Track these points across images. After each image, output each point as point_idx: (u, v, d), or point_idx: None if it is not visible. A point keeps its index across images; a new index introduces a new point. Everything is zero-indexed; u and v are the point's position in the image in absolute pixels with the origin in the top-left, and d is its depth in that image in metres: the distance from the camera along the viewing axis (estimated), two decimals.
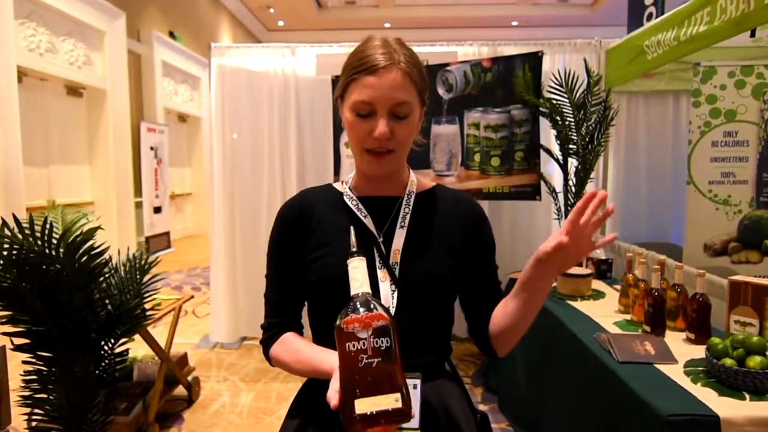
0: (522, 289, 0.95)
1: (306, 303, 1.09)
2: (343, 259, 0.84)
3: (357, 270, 0.81)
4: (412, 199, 1.06)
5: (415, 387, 0.88)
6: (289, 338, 1.04)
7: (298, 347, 1.00)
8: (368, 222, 1.02)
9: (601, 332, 1.95)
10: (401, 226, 1.02)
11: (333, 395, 0.76)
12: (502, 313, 1.01)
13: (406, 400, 0.73)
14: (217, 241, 4.00)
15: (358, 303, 0.77)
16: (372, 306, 0.77)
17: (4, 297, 1.62)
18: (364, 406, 0.71)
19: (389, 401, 0.71)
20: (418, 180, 1.10)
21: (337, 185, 1.12)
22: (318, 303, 1.04)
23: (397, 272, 0.98)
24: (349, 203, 1.05)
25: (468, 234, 1.06)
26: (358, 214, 1.03)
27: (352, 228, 0.89)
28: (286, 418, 1.07)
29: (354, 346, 0.73)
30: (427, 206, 1.07)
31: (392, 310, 0.95)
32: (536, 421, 2.40)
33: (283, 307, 1.07)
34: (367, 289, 0.80)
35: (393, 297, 0.96)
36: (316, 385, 0.98)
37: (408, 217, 1.03)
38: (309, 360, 0.95)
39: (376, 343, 0.73)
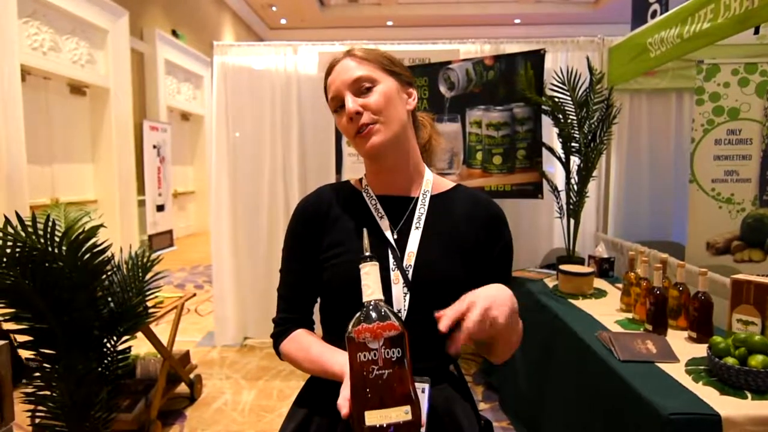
0: None
1: (318, 300, 1.08)
2: (358, 260, 0.82)
3: (369, 276, 0.80)
4: (427, 200, 1.04)
5: (423, 391, 0.88)
6: (299, 335, 1.04)
7: (309, 345, 1.00)
8: (384, 223, 1.01)
9: (603, 331, 1.95)
10: (416, 228, 1.01)
11: (344, 403, 0.75)
12: None
13: (417, 412, 0.72)
14: (219, 241, 4.00)
15: (369, 311, 0.76)
16: (384, 314, 0.75)
17: (7, 294, 1.63)
18: (374, 418, 0.71)
19: (399, 414, 0.71)
20: (437, 180, 1.09)
21: (355, 183, 1.11)
22: (331, 302, 1.03)
23: (410, 275, 0.97)
24: (368, 202, 1.04)
25: (483, 236, 1.04)
26: (375, 214, 1.02)
27: (365, 231, 0.87)
28: (294, 405, 1.07)
29: (365, 357, 0.72)
30: (443, 207, 1.05)
31: (404, 314, 0.94)
32: (537, 419, 2.40)
33: (295, 304, 1.07)
34: (380, 295, 0.78)
35: (405, 300, 0.95)
36: (321, 382, 0.98)
37: (423, 218, 1.02)
38: (318, 359, 0.95)
39: (388, 353, 0.73)
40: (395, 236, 1.00)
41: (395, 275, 0.96)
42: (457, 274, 0.99)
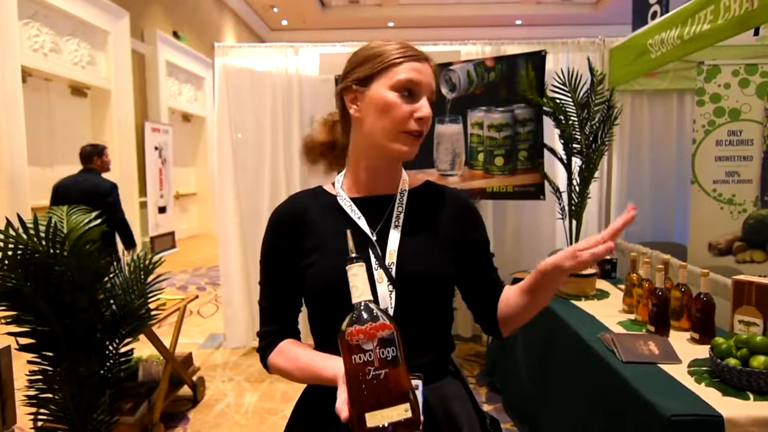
0: (525, 292, 0.98)
1: (304, 309, 1.07)
2: (339, 263, 0.83)
3: (357, 277, 0.80)
4: (405, 198, 1.04)
5: (417, 388, 0.87)
6: (286, 346, 1.02)
7: (297, 354, 0.98)
8: (362, 223, 1.01)
9: (605, 332, 1.95)
10: (395, 226, 1.01)
11: (342, 407, 0.75)
12: (506, 304, 1.02)
13: (416, 408, 0.73)
14: (225, 243, 4.00)
15: (361, 312, 0.76)
16: (375, 315, 0.76)
17: (8, 297, 1.63)
18: (374, 419, 0.71)
19: (399, 412, 0.71)
20: (410, 178, 1.10)
21: (327, 187, 1.11)
22: (316, 308, 1.02)
23: (393, 272, 0.97)
24: (342, 205, 1.03)
25: (461, 227, 1.06)
26: (352, 215, 1.01)
27: (349, 232, 0.87)
28: (289, 422, 1.06)
29: (360, 359, 0.73)
30: (419, 203, 1.06)
31: (390, 311, 0.94)
32: (540, 420, 2.40)
33: (278, 315, 1.06)
34: (369, 296, 0.79)
35: (391, 298, 0.95)
36: (317, 389, 0.97)
37: (402, 215, 1.02)
38: (309, 367, 0.94)
39: (382, 353, 0.73)
40: (375, 236, 1.00)
41: (378, 274, 0.96)
42: (439, 267, 1.00)
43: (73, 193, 3.94)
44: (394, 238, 1.00)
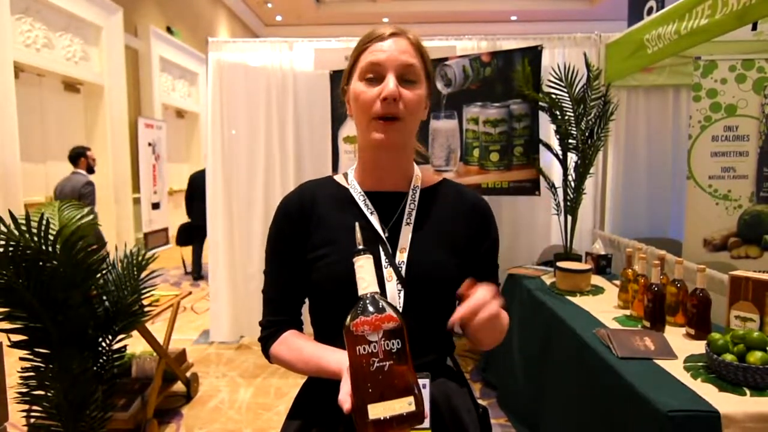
0: None
1: (307, 300, 1.06)
2: (349, 258, 0.81)
3: (364, 269, 0.79)
4: (417, 195, 1.03)
5: (424, 387, 0.87)
6: (290, 337, 1.01)
7: (301, 346, 0.97)
8: (374, 219, 0.99)
9: (601, 328, 1.94)
10: (407, 223, 0.99)
11: (345, 398, 0.74)
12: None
13: (419, 402, 0.72)
14: (215, 238, 3.98)
15: (367, 304, 0.75)
16: (381, 306, 0.75)
17: (0, 293, 1.61)
18: (377, 411, 0.70)
19: (402, 405, 0.70)
20: (423, 175, 1.08)
21: (339, 179, 1.08)
22: (321, 302, 1.00)
23: (403, 271, 0.95)
24: (356, 198, 1.01)
25: (473, 231, 1.04)
26: (365, 210, 1.00)
27: (357, 225, 0.86)
28: (287, 419, 1.04)
29: (365, 350, 0.72)
30: (432, 202, 1.04)
31: (399, 310, 0.94)
32: (535, 416, 2.39)
33: (282, 305, 1.04)
34: (375, 288, 0.78)
35: (399, 296, 0.94)
36: (317, 384, 0.96)
37: (414, 213, 1.00)
38: (313, 359, 0.93)
39: (387, 345, 0.72)
40: (386, 233, 0.98)
41: (388, 272, 0.95)
42: (448, 269, 0.98)
43: (200, 181, 4.92)
44: (405, 236, 0.98)
